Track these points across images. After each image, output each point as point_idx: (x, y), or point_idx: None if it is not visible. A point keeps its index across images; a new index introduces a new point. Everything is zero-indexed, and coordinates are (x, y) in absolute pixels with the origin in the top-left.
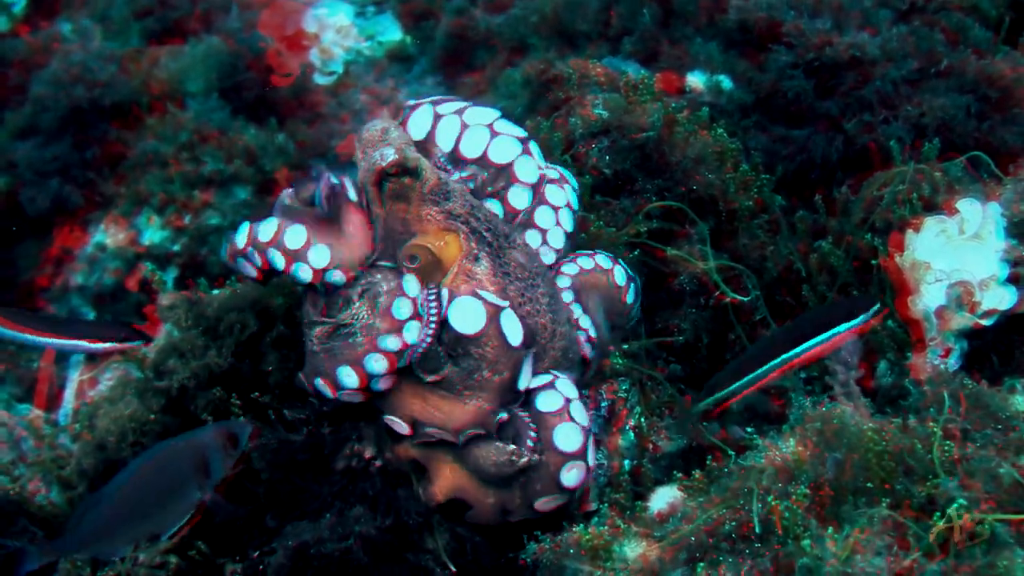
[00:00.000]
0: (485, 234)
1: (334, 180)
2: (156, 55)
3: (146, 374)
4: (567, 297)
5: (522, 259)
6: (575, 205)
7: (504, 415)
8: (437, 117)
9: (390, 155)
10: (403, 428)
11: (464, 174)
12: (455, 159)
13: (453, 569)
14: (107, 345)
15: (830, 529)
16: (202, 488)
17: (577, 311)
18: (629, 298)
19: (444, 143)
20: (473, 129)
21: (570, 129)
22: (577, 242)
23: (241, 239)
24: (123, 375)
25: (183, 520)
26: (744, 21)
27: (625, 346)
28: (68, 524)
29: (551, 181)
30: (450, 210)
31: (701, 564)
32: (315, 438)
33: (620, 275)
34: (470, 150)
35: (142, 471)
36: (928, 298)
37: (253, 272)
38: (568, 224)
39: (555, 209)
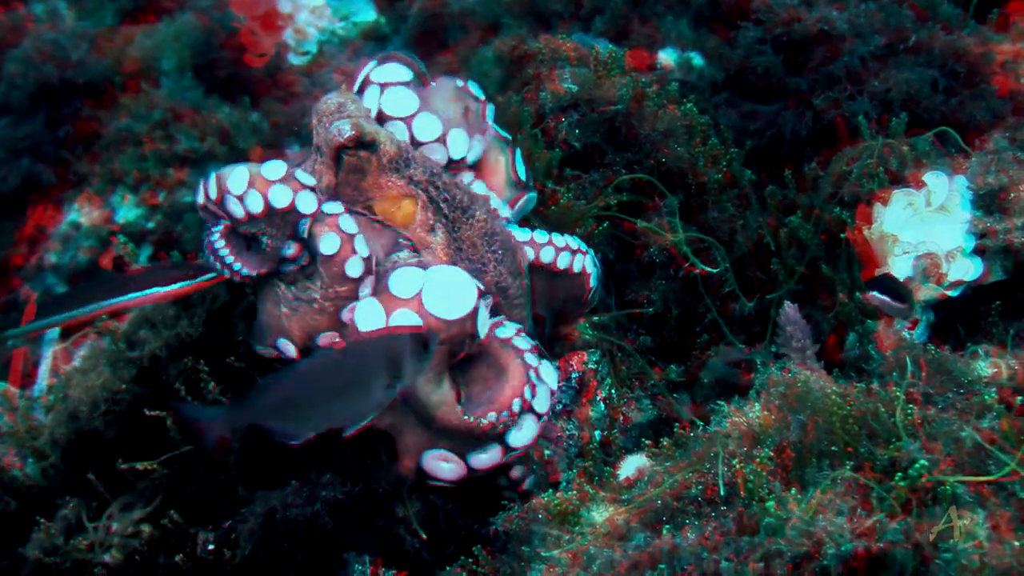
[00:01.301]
0: (442, 205)
1: None
2: (130, 34)
3: (118, 345)
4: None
5: (477, 238)
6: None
7: None
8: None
9: (347, 130)
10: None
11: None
12: None
13: (424, 536)
14: (185, 284)
15: (793, 491)
16: (389, 388)
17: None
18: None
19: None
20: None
21: (540, 103)
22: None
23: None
24: (96, 346)
25: (366, 419)
26: None
27: (595, 318)
28: (251, 394)
29: None
30: (410, 176)
31: (667, 526)
32: None
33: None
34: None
35: (331, 358)
36: (895, 270)
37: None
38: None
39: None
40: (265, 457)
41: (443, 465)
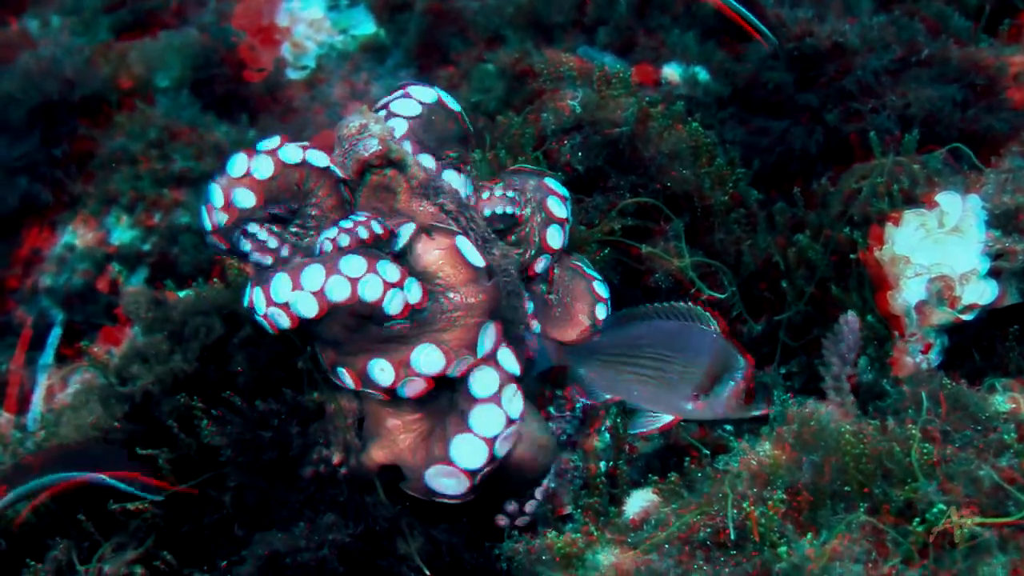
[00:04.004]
0: (470, 234)
1: None
2: (126, 49)
3: (109, 380)
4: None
5: (500, 261)
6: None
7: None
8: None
9: (374, 145)
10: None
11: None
12: None
13: (428, 573)
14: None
15: (809, 535)
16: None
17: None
18: None
19: None
20: None
21: (542, 125)
22: None
23: None
24: (88, 380)
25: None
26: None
27: None
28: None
29: None
30: (442, 205)
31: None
32: (283, 436)
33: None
34: None
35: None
36: (908, 293)
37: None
38: None
39: None
40: (261, 495)
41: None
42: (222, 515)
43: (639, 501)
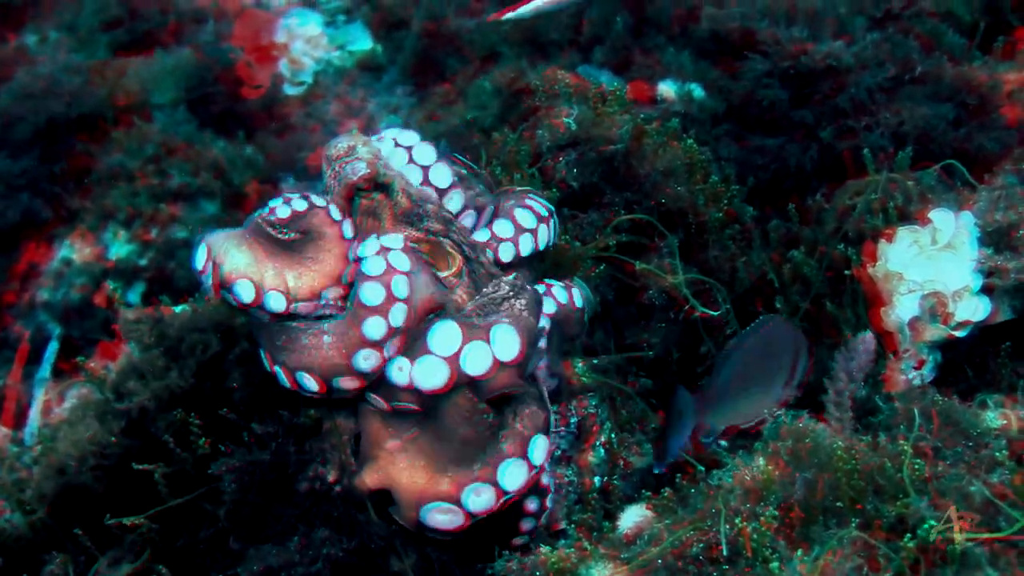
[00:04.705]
0: (465, 248)
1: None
2: (123, 67)
3: (106, 395)
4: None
5: (490, 271)
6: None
7: None
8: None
9: (362, 169)
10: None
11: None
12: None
13: None
14: None
15: (800, 552)
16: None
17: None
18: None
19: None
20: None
21: (538, 142)
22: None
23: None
24: (85, 395)
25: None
26: (716, 31)
27: (595, 360)
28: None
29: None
30: (427, 228)
31: None
32: (281, 456)
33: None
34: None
35: (752, 342)
36: (901, 309)
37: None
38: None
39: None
40: (256, 509)
41: (440, 517)
42: (217, 529)
43: (633, 516)
